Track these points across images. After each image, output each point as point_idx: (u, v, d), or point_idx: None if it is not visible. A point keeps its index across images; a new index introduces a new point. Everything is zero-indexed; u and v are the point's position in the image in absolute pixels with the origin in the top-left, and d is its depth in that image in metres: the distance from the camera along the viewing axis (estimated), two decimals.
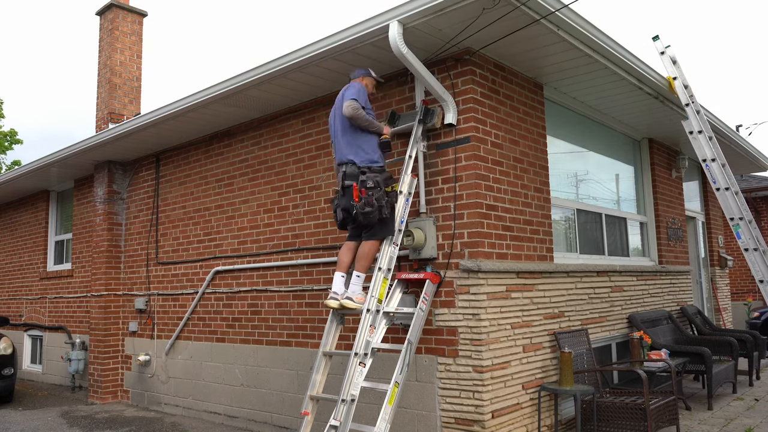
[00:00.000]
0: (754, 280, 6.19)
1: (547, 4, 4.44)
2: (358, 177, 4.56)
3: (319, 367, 4.72)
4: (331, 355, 4.78)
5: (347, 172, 4.63)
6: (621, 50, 5.48)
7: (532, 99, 5.76)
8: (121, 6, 9.57)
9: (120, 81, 9.42)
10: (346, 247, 4.88)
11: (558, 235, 6.20)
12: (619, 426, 5.19)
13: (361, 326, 4.46)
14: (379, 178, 4.56)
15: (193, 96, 6.32)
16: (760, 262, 5.89)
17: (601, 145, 7.46)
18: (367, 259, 4.70)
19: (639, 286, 7.44)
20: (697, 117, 6.36)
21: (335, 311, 4.81)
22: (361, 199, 4.44)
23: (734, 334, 7.98)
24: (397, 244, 4.77)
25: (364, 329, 4.46)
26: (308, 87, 5.90)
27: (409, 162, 4.93)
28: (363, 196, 4.45)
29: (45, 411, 7.85)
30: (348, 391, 4.26)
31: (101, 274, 8.48)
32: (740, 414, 6.31)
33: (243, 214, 6.89)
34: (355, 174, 4.59)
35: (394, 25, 4.54)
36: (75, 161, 8.67)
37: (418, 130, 5.07)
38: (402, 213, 4.82)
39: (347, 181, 4.61)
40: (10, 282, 11.59)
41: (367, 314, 4.52)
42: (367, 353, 4.42)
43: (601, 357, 6.53)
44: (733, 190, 6.08)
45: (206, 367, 7.17)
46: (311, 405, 4.61)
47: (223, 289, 7.06)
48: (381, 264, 4.63)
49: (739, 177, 14.26)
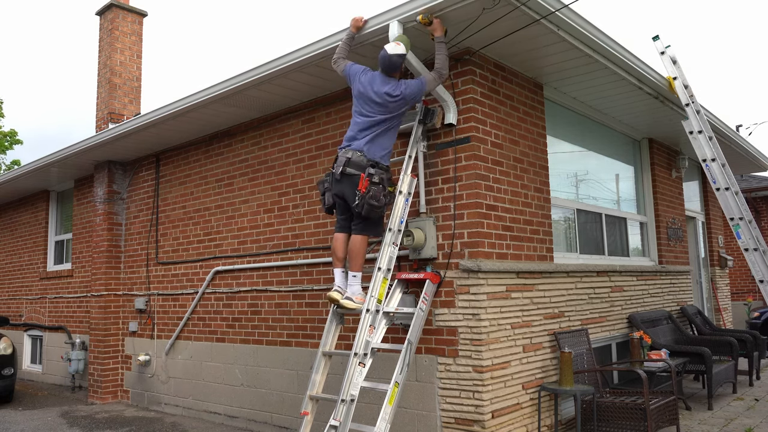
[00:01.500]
0: (754, 280, 6.19)
1: (547, 4, 4.44)
2: (365, 168, 4.46)
3: (319, 367, 4.71)
4: (330, 355, 4.76)
5: (353, 160, 4.49)
6: (621, 50, 5.48)
7: (532, 99, 5.76)
8: (121, 6, 9.57)
9: (120, 81, 9.42)
10: (338, 241, 4.79)
11: (558, 235, 6.20)
12: (619, 426, 5.19)
13: (361, 326, 4.45)
14: (385, 176, 4.52)
15: (193, 96, 6.32)
16: (760, 262, 5.88)
17: (601, 145, 7.46)
18: (359, 256, 4.65)
19: (639, 286, 7.44)
20: (697, 117, 6.36)
21: (335, 311, 4.80)
22: (369, 190, 4.37)
23: (734, 334, 7.97)
24: (396, 244, 4.73)
25: (364, 329, 4.45)
26: (308, 87, 5.90)
27: (408, 162, 4.90)
28: (370, 188, 4.39)
29: (45, 411, 7.85)
30: (348, 391, 4.24)
31: (101, 274, 8.48)
32: (740, 414, 6.31)
33: (243, 214, 6.89)
34: (362, 165, 4.47)
35: (394, 25, 4.55)
36: (75, 161, 8.67)
37: (418, 130, 5.06)
38: (402, 213, 4.76)
39: (350, 169, 4.48)
40: (10, 282, 11.59)
41: (366, 314, 4.50)
42: (367, 353, 4.40)
43: (601, 357, 6.53)
44: (733, 190, 6.08)
45: (206, 367, 7.17)
46: (311, 405, 4.60)
47: (223, 289, 7.06)
48: (381, 264, 4.60)
49: (739, 177, 14.26)
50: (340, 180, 4.56)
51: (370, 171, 4.46)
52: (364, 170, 4.48)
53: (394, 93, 4.53)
